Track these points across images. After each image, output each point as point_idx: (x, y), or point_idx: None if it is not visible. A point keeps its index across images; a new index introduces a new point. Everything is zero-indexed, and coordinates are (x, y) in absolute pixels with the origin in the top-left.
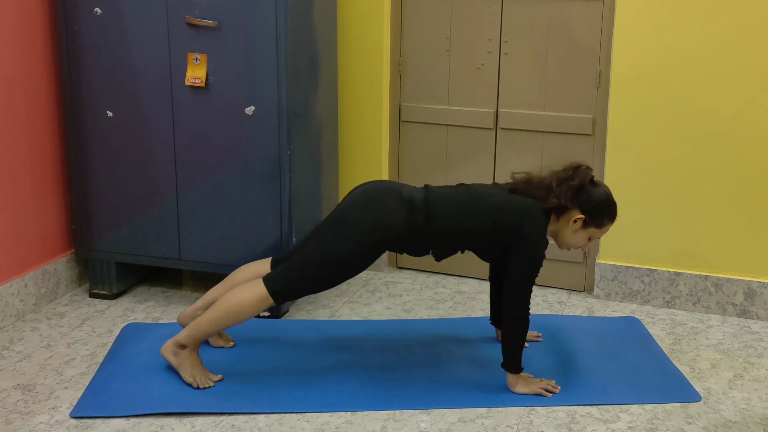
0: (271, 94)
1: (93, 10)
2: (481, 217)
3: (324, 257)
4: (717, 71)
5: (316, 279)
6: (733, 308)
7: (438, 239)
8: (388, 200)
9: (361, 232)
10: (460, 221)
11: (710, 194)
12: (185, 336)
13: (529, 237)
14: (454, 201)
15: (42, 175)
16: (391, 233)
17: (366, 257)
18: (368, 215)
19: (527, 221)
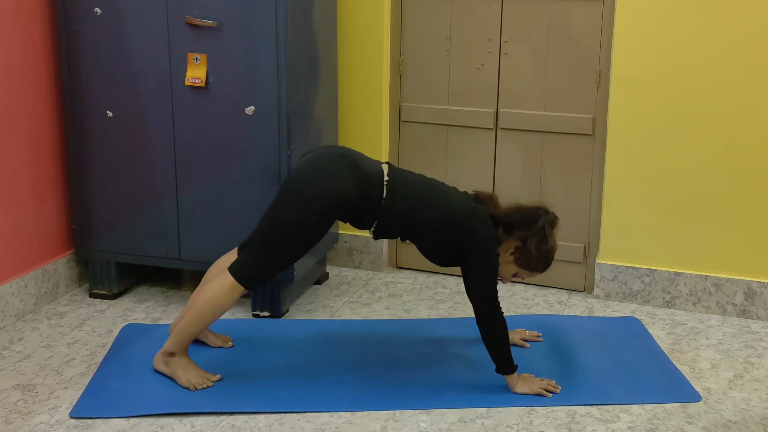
0: (271, 94)
1: (93, 10)
2: (434, 210)
3: (277, 232)
4: (717, 71)
5: (275, 255)
6: (733, 308)
7: (386, 217)
8: (336, 167)
9: (312, 203)
10: (413, 207)
11: (710, 194)
12: (171, 344)
13: (482, 241)
14: (414, 187)
15: (42, 175)
16: (338, 199)
17: (317, 225)
18: (318, 185)
19: (480, 227)
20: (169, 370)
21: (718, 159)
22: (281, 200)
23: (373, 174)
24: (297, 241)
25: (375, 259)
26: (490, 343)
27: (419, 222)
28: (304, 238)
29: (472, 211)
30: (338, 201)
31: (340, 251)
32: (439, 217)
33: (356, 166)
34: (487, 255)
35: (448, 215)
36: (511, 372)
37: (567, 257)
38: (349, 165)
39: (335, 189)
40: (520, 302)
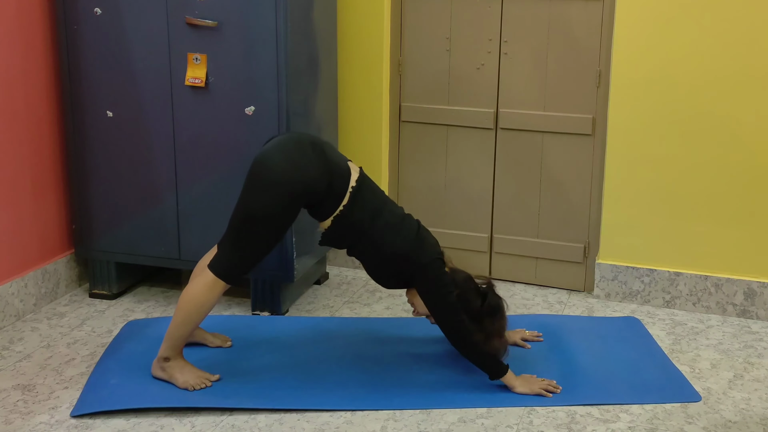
0: (271, 94)
1: (93, 10)
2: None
3: (250, 223)
4: (717, 71)
5: (251, 247)
6: (733, 308)
7: (340, 224)
8: (307, 154)
9: (280, 190)
10: (367, 222)
11: (710, 194)
12: (164, 348)
13: (428, 266)
14: (374, 202)
15: (42, 175)
16: (305, 187)
17: (289, 214)
18: (286, 172)
19: (424, 254)
20: (167, 374)
21: (718, 159)
22: (251, 189)
23: (341, 170)
24: (270, 230)
25: None
26: (470, 356)
27: (370, 239)
28: (276, 226)
29: (419, 239)
30: (305, 188)
31: (340, 251)
32: (390, 242)
33: (326, 156)
34: (435, 277)
35: (400, 242)
36: (504, 374)
37: (567, 257)
38: (319, 153)
39: (304, 176)
40: (520, 302)
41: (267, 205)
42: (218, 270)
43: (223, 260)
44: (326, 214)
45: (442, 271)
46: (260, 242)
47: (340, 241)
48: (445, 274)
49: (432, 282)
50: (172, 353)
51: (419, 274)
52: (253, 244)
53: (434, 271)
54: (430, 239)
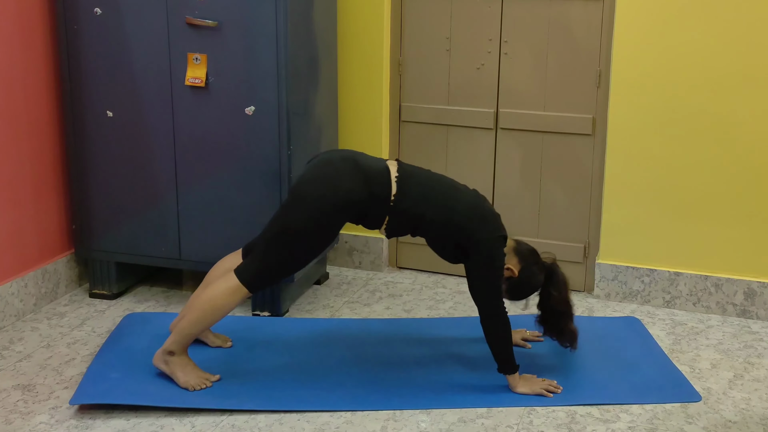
0: (271, 94)
1: (93, 10)
2: (439, 209)
3: (283, 236)
4: (717, 71)
5: (280, 260)
6: (733, 308)
7: (396, 215)
8: (343, 170)
9: (317, 205)
10: (420, 204)
11: (710, 194)
12: (171, 342)
13: (483, 243)
14: (422, 184)
15: (42, 175)
16: (348, 204)
17: (326, 231)
18: (322, 187)
19: (482, 229)
20: (169, 369)
21: (718, 159)
22: (287, 205)
23: (378, 172)
24: (303, 246)
25: (375, 259)
26: (492, 343)
27: (425, 219)
28: (310, 243)
29: (477, 212)
30: (344, 203)
31: (340, 251)
32: (443, 216)
33: (359, 166)
34: (488, 256)
35: (452, 215)
36: (512, 372)
37: (567, 257)
38: (352, 167)
39: (340, 191)
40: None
41: (306, 222)
42: (244, 277)
43: (251, 269)
44: (380, 217)
45: (497, 252)
46: (293, 258)
47: (402, 230)
48: (499, 256)
49: (483, 259)
50: (178, 349)
51: (473, 249)
52: (286, 259)
53: (488, 250)
54: (490, 215)
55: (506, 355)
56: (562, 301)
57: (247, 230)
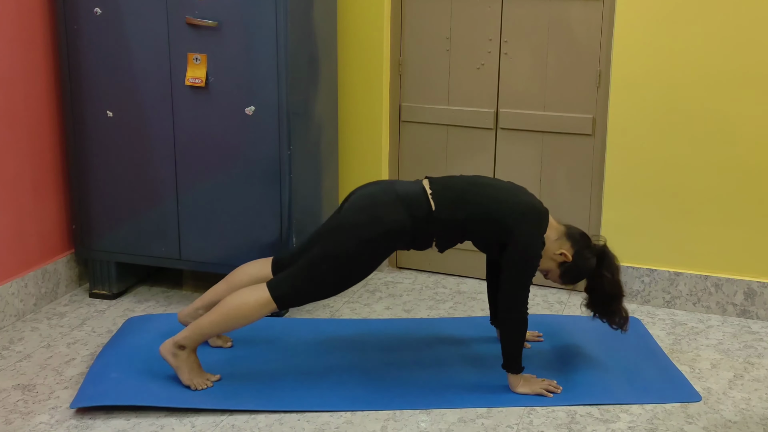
0: (271, 94)
1: (93, 10)
2: (475, 205)
3: (327, 263)
4: (717, 71)
5: (319, 285)
6: (733, 308)
7: (438, 229)
8: (385, 200)
9: (363, 235)
10: (457, 208)
11: (710, 194)
12: (184, 337)
13: (522, 236)
14: (452, 188)
15: (42, 175)
16: (392, 233)
17: (370, 261)
18: (368, 218)
19: (522, 221)
20: (175, 363)
21: (718, 159)
22: (330, 231)
23: (415, 195)
24: (347, 276)
25: None
26: (506, 339)
27: (467, 223)
28: (350, 271)
29: (516, 208)
30: (389, 233)
31: None
32: (482, 216)
33: (399, 195)
34: (523, 250)
35: (489, 213)
36: (516, 372)
37: None
38: (394, 198)
39: (385, 222)
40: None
41: (346, 248)
42: (277, 293)
43: (285, 286)
44: (428, 237)
45: (532, 249)
46: (328, 283)
47: (452, 241)
48: (535, 252)
49: (518, 253)
50: (190, 345)
51: (511, 243)
52: (321, 283)
53: (524, 244)
54: (528, 208)
55: (515, 354)
56: (615, 284)
57: (247, 230)
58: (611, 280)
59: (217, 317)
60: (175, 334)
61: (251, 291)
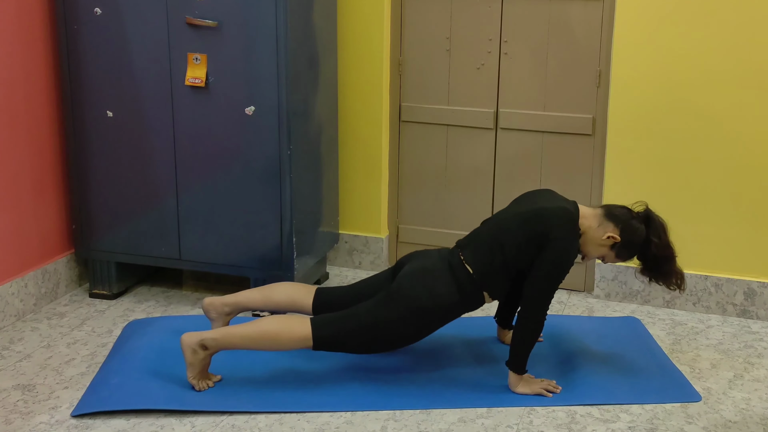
0: (271, 94)
1: (93, 10)
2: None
3: (376, 328)
4: (717, 71)
5: (362, 344)
6: (733, 308)
7: (487, 284)
8: (438, 275)
9: (413, 307)
10: (494, 256)
11: (710, 194)
12: (212, 339)
13: (555, 241)
14: (480, 242)
15: (42, 175)
16: (444, 308)
17: (417, 334)
18: (420, 287)
19: (556, 227)
20: (191, 359)
21: (718, 159)
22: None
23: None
24: (393, 341)
25: (375, 259)
26: (518, 340)
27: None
28: (402, 341)
29: (537, 216)
30: (437, 308)
31: (340, 251)
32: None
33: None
34: (554, 255)
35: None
36: (520, 372)
37: None
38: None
39: (434, 296)
40: None
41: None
42: (319, 333)
43: (329, 330)
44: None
45: (569, 253)
46: (375, 345)
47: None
48: (570, 261)
49: (551, 259)
50: (214, 349)
51: (547, 245)
52: (368, 343)
53: (560, 248)
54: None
55: (523, 355)
56: (664, 246)
57: (247, 230)
58: (660, 243)
59: (252, 335)
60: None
61: (295, 321)
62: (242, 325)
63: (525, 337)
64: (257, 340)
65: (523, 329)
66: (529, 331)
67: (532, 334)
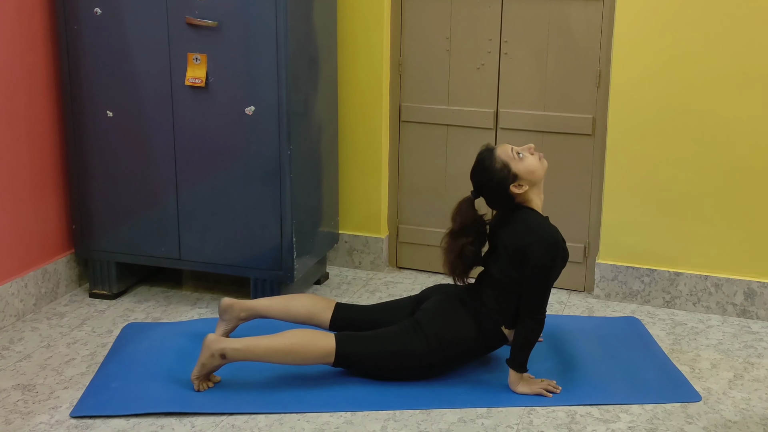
0: (271, 94)
1: (93, 10)
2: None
3: (402, 351)
4: (717, 71)
5: (381, 369)
6: (733, 308)
7: (497, 314)
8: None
9: (435, 345)
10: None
11: (710, 194)
12: (234, 349)
13: (534, 243)
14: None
15: (42, 175)
16: (459, 347)
17: (433, 369)
18: (442, 326)
19: (526, 238)
20: (206, 361)
21: (718, 159)
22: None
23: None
24: (411, 372)
25: (375, 259)
26: (519, 339)
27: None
28: (423, 373)
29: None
30: (457, 348)
31: (340, 251)
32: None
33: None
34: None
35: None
36: (520, 371)
37: None
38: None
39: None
40: None
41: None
42: (343, 350)
43: (352, 349)
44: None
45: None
46: (394, 372)
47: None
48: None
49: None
50: (233, 359)
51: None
52: (385, 369)
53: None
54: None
55: (525, 354)
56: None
57: (247, 230)
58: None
59: (278, 347)
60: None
61: (320, 337)
62: (267, 338)
63: (526, 335)
64: (282, 353)
65: (525, 328)
66: (531, 330)
67: (533, 333)
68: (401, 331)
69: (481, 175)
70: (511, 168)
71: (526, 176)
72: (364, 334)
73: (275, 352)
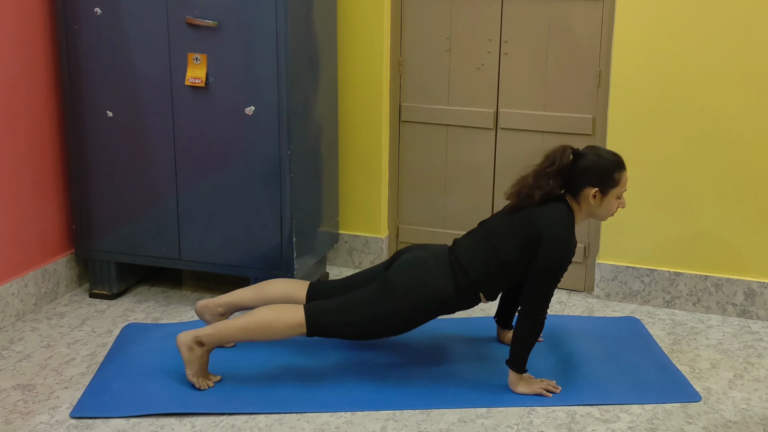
0: (271, 94)
1: (93, 10)
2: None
3: (368, 312)
4: (717, 71)
5: (355, 329)
6: (733, 308)
7: (482, 286)
8: (434, 268)
9: (411, 298)
10: (490, 264)
11: (710, 194)
12: (207, 335)
13: (550, 240)
14: (477, 248)
15: (42, 175)
16: (438, 300)
17: (407, 322)
18: (414, 281)
19: (548, 227)
20: (188, 356)
21: (718, 159)
22: (388, 288)
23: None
24: (385, 329)
25: (375, 259)
26: (519, 339)
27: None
28: (394, 329)
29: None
30: (433, 301)
31: (340, 251)
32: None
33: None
34: (549, 254)
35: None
36: (520, 371)
37: None
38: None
39: (431, 290)
40: None
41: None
42: (312, 320)
43: (322, 316)
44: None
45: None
46: (368, 331)
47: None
48: (567, 258)
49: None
50: (210, 344)
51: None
52: (361, 329)
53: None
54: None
55: (524, 354)
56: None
57: (247, 230)
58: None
59: (246, 325)
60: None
61: (287, 309)
62: (236, 318)
63: (526, 335)
64: (253, 330)
65: (524, 328)
66: (530, 330)
67: (532, 333)
68: (371, 291)
69: (597, 156)
70: (610, 190)
71: (601, 209)
72: (332, 300)
73: (247, 329)
